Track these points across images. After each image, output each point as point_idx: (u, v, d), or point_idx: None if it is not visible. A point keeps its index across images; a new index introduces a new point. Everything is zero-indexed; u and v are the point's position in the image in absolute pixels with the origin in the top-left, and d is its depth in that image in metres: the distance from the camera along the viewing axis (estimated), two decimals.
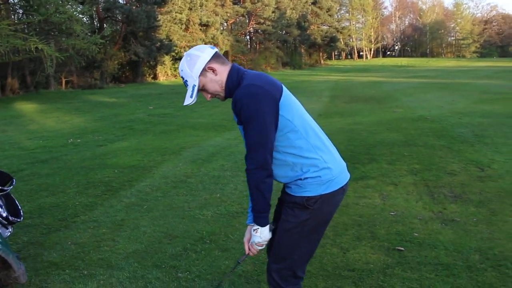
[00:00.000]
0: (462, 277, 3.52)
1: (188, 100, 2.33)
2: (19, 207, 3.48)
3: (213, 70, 2.32)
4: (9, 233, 3.34)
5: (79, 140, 10.76)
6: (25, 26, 20.95)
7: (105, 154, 8.81)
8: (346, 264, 3.80)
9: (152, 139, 10.49)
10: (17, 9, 22.77)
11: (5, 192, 3.39)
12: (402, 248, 4.07)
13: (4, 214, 3.30)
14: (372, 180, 6.37)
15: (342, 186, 2.44)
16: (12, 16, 22.98)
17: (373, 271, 3.65)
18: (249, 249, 2.46)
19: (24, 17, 21.44)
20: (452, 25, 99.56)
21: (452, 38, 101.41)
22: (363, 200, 5.55)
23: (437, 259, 3.85)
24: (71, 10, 21.45)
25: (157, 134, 11.28)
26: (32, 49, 18.34)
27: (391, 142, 8.76)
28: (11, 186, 3.46)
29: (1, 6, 20.98)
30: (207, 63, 2.31)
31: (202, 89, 2.38)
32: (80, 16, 22.30)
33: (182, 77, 2.37)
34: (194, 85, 2.32)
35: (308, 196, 2.32)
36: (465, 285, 3.39)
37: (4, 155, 9.39)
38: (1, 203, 3.34)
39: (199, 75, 2.32)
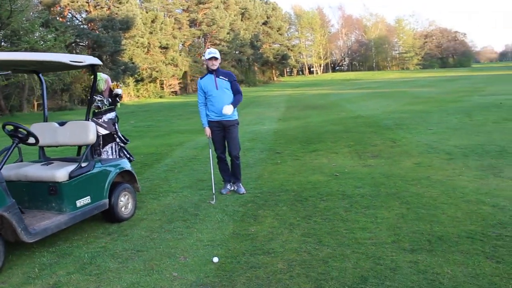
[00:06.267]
0: (367, 180, 6.75)
1: (216, 55, 6.34)
2: (131, 154, 6.48)
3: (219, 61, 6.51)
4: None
5: None
6: None
7: None
8: (307, 181, 6.94)
9: (153, 140, 13.36)
10: (3, 39, 24.92)
11: (126, 144, 6.40)
12: (337, 174, 7.25)
13: (128, 155, 6.30)
14: (321, 151, 9.54)
15: None
16: None
17: (322, 182, 6.82)
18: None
19: (10, 45, 23.65)
20: (395, 40, 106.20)
21: (396, 52, 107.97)
22: (315, 161, 8.67)
23: (356, 176, 7.05)
24: (52, 38, 23.90)
25: (153, 138, 14.14)
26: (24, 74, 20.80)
27: (334, 131, 12.05)
28: (128, 142, 6.47)
29: None
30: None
31: (216, 59, 6.26)
32: (61, 44, 24.75)
33: (215, 52, 6.33)
34: (218, 58, 6.34)
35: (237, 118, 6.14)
36: (369, 183, 6.58)
37: None
38: (126, 151, 6.37)
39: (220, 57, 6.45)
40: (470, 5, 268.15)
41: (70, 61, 5.09)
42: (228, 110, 6.22)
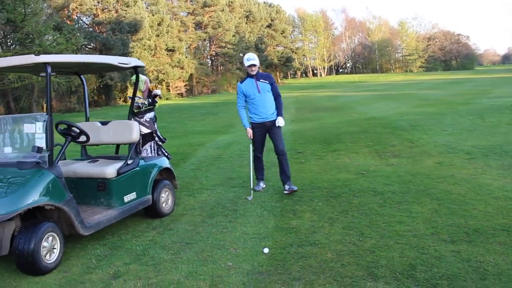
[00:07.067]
0: (394, 178, 6.99)
1: (254, 62, 6.55)
2: (168, 152, 6.75)
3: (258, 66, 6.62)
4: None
5: None
6: None
7: None
8: (336, 179, 7.19)
9: (171, 141, 13.54)
10: (15, 42, 25.17)
11: (164, 143, 6.66)
12: (364, 172, 7.50)
13: (166, 154, 6.57)
14: (342, 151, 9.79)
15: None
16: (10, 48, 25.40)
17: (351, 179, 7.07)
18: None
19: (22, 48, 23.89)
20: (399, 43, 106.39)
21: (399, 54, 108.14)
22: (337, 161, 8.92)
23: (383, 174, 7.30)
24: (65, 41, 24.17)
25: (171, 138, 14.30)
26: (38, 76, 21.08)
27: (351, 132, 12.31)
28: (166, 141, 6.74)
29: (4, 39, 23.53)
30: None
31: (255, 65, 6.50)
32: (73, 46, 25.01)
33: (253, 59, 6.54)
34: (257, 64, 6.49)
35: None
36: (397, 181, 6.82)
37: None
38: (163, 149, 6.64)
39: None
40: (473, 8, 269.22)
41: (119, 63, 5.37)
42: (283, 122, 6.74)
